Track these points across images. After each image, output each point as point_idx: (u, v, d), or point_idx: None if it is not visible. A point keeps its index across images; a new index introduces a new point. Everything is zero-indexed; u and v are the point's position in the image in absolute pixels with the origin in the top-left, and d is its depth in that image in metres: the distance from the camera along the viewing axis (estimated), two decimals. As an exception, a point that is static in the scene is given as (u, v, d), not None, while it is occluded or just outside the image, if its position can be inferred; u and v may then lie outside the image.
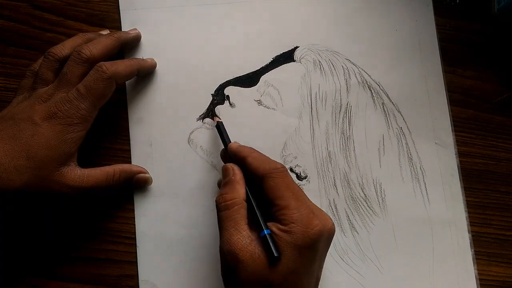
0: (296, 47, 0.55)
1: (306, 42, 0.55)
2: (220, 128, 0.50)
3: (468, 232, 0.53)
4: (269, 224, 0.42)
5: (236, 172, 0.45)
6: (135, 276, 0.50)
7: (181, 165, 0.52)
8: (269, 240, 0.41)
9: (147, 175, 0.51)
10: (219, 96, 0.53)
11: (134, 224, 0.51)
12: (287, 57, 0.55)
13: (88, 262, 0.50)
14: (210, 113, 0.53)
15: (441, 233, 0.53)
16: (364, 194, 0.53)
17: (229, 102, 0.53)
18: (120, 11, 0.54)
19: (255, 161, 0.44)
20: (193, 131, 0.52)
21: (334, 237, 0.43)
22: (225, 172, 0.45)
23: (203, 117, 0.53)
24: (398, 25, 0.56)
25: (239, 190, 0.44)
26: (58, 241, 0.51)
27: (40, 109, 0.45)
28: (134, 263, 0.50)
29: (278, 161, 0.45)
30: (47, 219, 0.51)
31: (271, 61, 0.54)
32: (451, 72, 0.56)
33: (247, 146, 0.47)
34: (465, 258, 0.53)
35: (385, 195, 0.53)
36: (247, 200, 0.44)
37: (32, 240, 0.51)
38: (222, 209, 0.43)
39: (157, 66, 0.53)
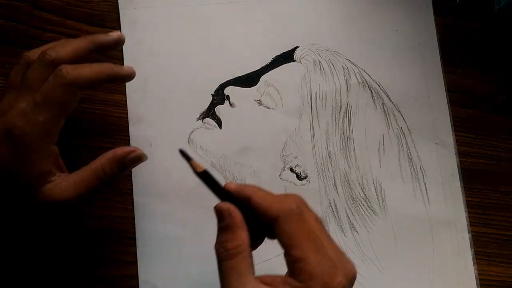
0: (296, 47, 0.55)
1: (306, 42, 0.55)
2: (206, 176, 0.40)
3: (468, 232, 0.53)
4: (281, 279, 0.36)
5: (235, 214, 0.37)
6: (135, 276, 0.50)
7: (181, 165, 0.52)
8: None
9: (138, 152, 0.43)
10: (219, 96, 0.53)
11: (134, 224, 0.51)
12: (287, 57, 0.55)
13: (88, 262, 0.50)
14: (210, 113, 0.53)
15: (441, 233, 0.53)
16: (364, 194, 0.53)
17: (229, 102, 0.53)
18: (120, 10, 0.54)
19: (263, 201, 0.37)
20: (193, 131, 0.52)
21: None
22: (220, 215, 0.38)
23: (203, 117, 0.53)
24: (398, 25, 0.56)
25: (242, 235, 0.36)
26: (58, 241, 0.50)
27: None
28: (134, 263, 0.50)
29: (292, 194, 0.38)
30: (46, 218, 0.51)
31: (271, 61, 0.54)
32: (451, 72, 0.56)
33: (247, 184, 0.41)
34: (465, 258, 0.53)
35: (385, 195, 0.53)
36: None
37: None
38: (224, 258, 0.36)
39: (156, 66, 0.53)
